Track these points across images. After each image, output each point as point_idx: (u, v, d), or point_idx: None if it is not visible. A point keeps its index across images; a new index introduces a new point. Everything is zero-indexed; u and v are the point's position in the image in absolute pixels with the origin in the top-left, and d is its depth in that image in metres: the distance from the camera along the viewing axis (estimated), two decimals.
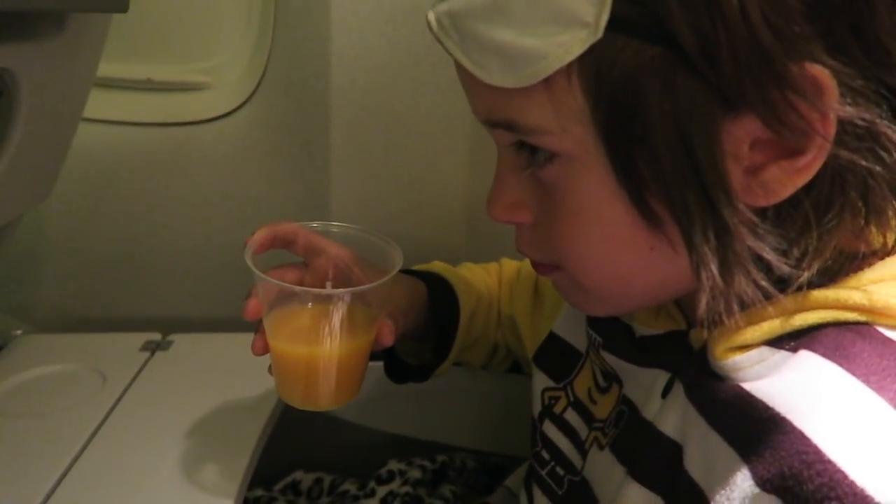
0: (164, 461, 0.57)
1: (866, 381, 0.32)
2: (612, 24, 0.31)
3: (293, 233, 0.54)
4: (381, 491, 0.71)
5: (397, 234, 0.54)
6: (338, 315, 0.48)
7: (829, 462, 0.30)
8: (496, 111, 0.37)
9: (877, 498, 0.28)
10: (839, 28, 0.30)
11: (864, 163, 0.32)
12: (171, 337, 0.74)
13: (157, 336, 0.74)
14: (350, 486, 0.75)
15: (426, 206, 0.88)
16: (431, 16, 0.38)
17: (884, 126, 0.31)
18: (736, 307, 0.34)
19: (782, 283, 0.34)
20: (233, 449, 0.59)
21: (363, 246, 0.54)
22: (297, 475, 0.79)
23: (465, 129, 0.83)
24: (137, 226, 0.86)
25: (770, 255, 0.33)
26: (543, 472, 0.52)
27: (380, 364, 0.83)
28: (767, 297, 0.34)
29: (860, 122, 0.31)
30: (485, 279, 0.67)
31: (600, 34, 0.31)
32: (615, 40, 0.31)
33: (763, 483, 0.32)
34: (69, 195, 0.82)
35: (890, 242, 0.37)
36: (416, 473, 0.74)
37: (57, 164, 0.65)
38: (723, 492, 0.34)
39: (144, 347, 0.72)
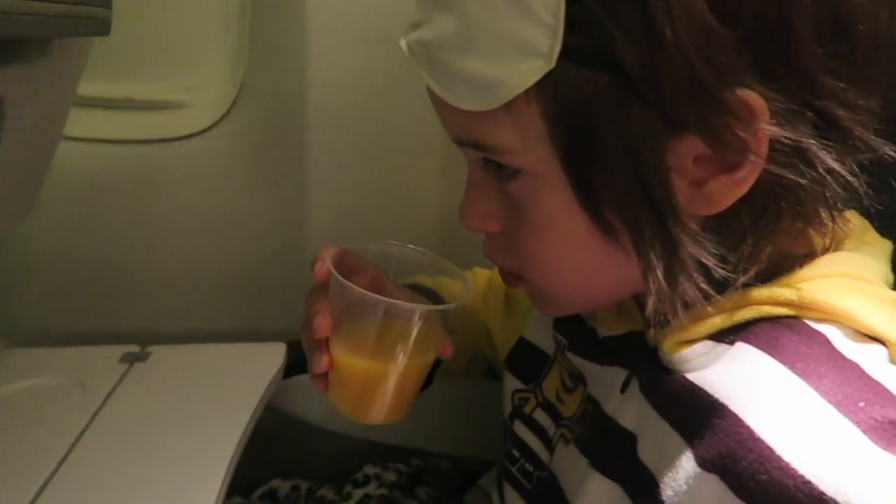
0: (145, 469, 0.58)
1: (793, 368, 0.35)
2: (565, 55, 0.34)
3: (344, 252, 0.54)
4: (358, 494, 0.74)
5: None
6: (416, 331, 0.48)
7: (760, 440, 0.33)
8: (465, 132, 0.41)
9: (800, 470, 0.31)
10: (768, 58, 0.34)
11: (792, 177, 0.35)
12: (150, 348, 0.75)
13: (135, 348, 0.75)
14: (327, 492, 0.77)
15: (401, 218, 0.90)
16: (403, 43, 0.42)
17: (809, 144, 0.35)
18: (680, 308, 0.37)
19: (721, 286, 0.38)
20: (212, 456, 0.60)
21: (423, 267, 0.55)
22: (275, 483, 0.81)
23: (437, 145, 0.86)
24: (118, 241, 0.88)
25: (709, 261, 0.37)
26: (514, 469, 0.55)
27: None
28: (707, 298, 0.37)
29: (789, 141, 0.34)
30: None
31: (553, 63, 0.34)
32: (568, 69, 0.35)
33: (704, 463, 0.35)
34: (50, 212, 0.83)
35: (827, 244, 0.41)
36: (391, 476, 0.76)
37: (38, 184, 0.66)
38: (670, 474, 0.37)
39: (123, 359, 0.73)
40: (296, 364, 0.80)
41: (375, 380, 0.49)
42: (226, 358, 0.75)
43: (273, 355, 0.76)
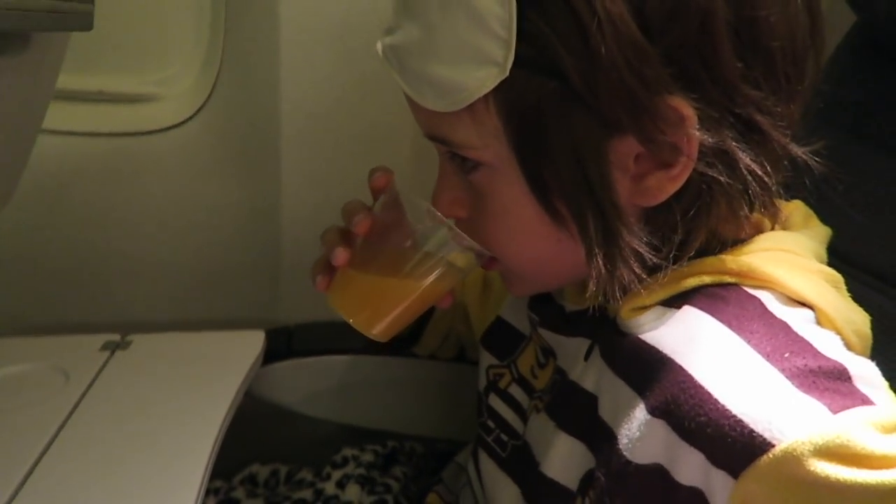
0: (129, 455, 0.59)
1: (729, 325, 0.40)
2: (517, 64, 0.39)
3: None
4: (337, 475, 0.76)
5: None
6: (446, 262, 0.49)
7: (699, 387, 0.38)
8: (432, 128, 0.45)
9: (733, 410, 0.36)
10: (692, 69, 0.38)
11: (717, 175, 0.40)
12: (130, 337, 0.77)
13: (115, 337, 0.76)
14: (306, 475, 0.80)
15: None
16: (379, 47, 0.46)
17: (732, 147, 0.40)
18: (618, 290, 0.42)
19: (654, 272, 0.42)
20: (194, 442, 0.61)
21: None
22: (254, 468, 0.83)
23: (407, 138, 0.87)
24: (91, 233, 0.88)
25: (643, 249, 0.41)
26: (489, 439, 0.59)
27: (326, 358, 0.87)
28: (641, 282, 0.42)
29: (714, 144, 0.39)
30: None
31: (507, 72, 0.39)
32: (520, 76, 0.39)
33: (652, 410, 0.40)
34: (22, 203, 0.82)
35: (772, 227, 0.47)
36: (368, 457, 0.79)
37: (17, 176, 0.67)
38: (626, 425, 0.41)
39: (104, 347, 0.74)
40: (274, 351, 0.82)
41: (393, 293, 0.51)
42: (206, 346, 0.77)
43: (252, 343, 0.78)
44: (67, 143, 0.84)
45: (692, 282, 0.43)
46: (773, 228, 0.47)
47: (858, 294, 0.46)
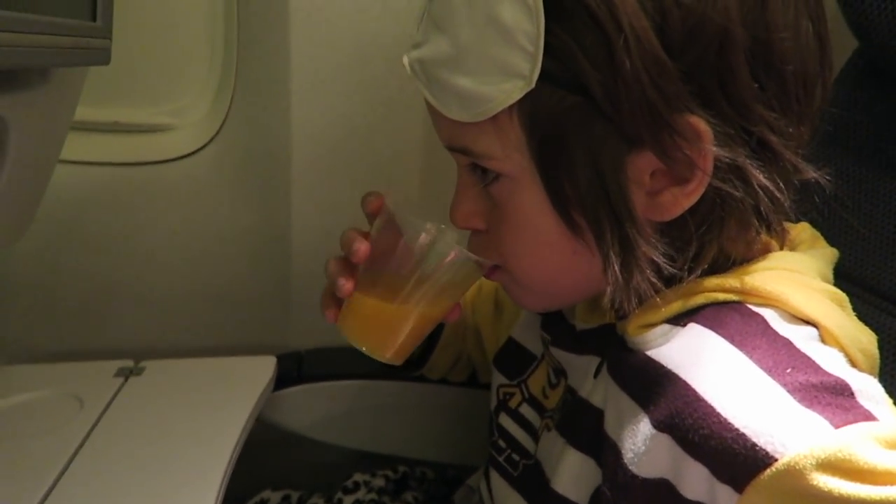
0: (142, 481, 0.60)
1: (732, 341, 0.40)
2: (542, 77, 0.40)
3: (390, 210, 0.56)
4: (348, 500, 0.76)
5: None
6: (446, 273, 0.50)
7: (703, 400, 0.38)
8: (455, 139, 0.46)
9: (735, 424, 0.36)
10: (709, 88, 0.40)
11: (731, 191, 0.41)
12: (144, 363, 0.78)
13: (129, 363, 0.77)
14: (318, 500, 0.79)
15: None
16: (406, 60, 0.47)
17: (746, 164, 0.41)
18: (633, 299, 0.42)
19: (669, 282, 0.43)
20: (206, 468, 0.62)
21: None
22: (266, 494, 0.83)
23: (417, 163, 0.88)
24: (105, 261, 0.89)
25: (659, 259, 0.42)
26: (500, 459, 0.59)
27: (337, 383, 0.88)
28: (657, 291, 0.43)
29: (728, 160, 0.40)
30: None
31: (533, 84, 0.40)
32: (545, 89, 0.40)
33: (657, 424, 0.40)
34: (38, 232, 0.84)
35: (781, 247, 0.47)
36: (379, 482, 0.79)
37: (35, 204, 0.69)
38: (630, 439, 0.42)
39: (118, 374, 0.75)
40: (285, 376, 0.83)
41: (398, 317, 0.51)
42: (218, 371, 0.78)
43: (263, 368, 0.79)
44: (83, 173, 0.86)
45: (698, 299, 0.44)
46: (780, 249, 0.48)
47: (865, 314, 0.46)
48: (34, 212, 0.69)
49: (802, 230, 0.52)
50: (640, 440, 0.41)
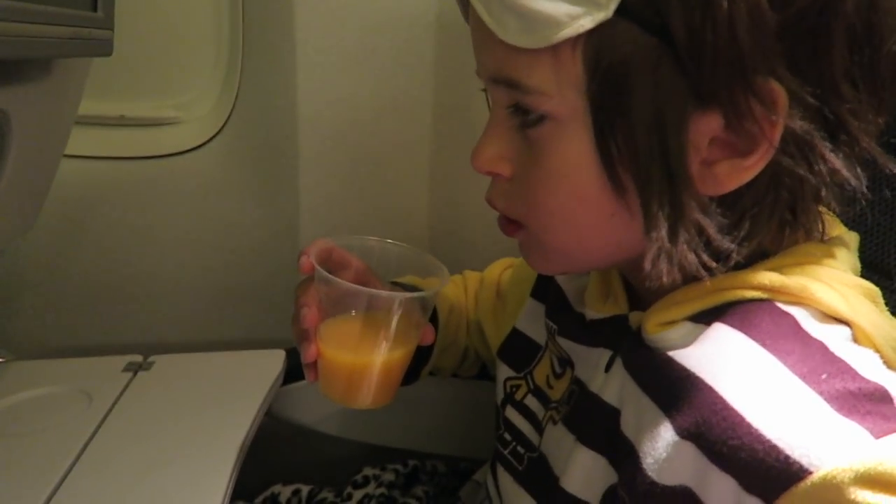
0: (151, 475, 0.60)
1: (763, 344, 0.38)
2: (620, 10, 0.35)
3: (330, 248, 0.57)
4: (358, 495, 0.75)
5: None
6: (397, 320, 0.50)
7: (732, 409, 0.36)
8: (503, 70, 0.41)
9: (767, 435, 0.34)
10: (800, 52, 0.36)
11: (797, 170, 0.38)
12: (152, 358, 0.77)
13: (138, 357, 0.77)
14: (327, 495, 0.79)
15: (390, 228, 0.92)
16: None
17: (819, 142, 0.37)
18: (675, 269, 0.39)
19: (716, 257, 0.40)
20: (216, 462, 0.62)
21: (404, 260, 0.58)
22: (276, 488, 0.82)
23: (425, 156, 0.88)
24: (113, 256, 0.89)
25: (711, 230, 0.39)
26: (506, 452, 0.58)
27: None
28: (703, 265, 0.39)
29: (801, 135, 0.37)
30: (453, 290, 0.73)
31: (610, 15, 0.35)
32: (619, 24, 0.36)
33: (681, 432, 0.38)
34: (44, 227, 0.85)
35: (804, 236, 0.44)
36: (389, 476, 0.78)
37: (41, 198, 0.68)
38: (649, 444, 0.39)
39: (127, 368, 0.75)
40: (294, 370, 0.82)
41: (361, 369, 0.52)
42: (226, 366, 0.77)
43: (272, 362, 0.78)
44: (89, 168, 0.86)
45: (723, 297, 0.41)
46: (807, 239, 0.45)
47: (890, 304, 0.44)
48: (40, 206, 0.69)
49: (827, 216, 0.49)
50: (660, 446, 0.39)
